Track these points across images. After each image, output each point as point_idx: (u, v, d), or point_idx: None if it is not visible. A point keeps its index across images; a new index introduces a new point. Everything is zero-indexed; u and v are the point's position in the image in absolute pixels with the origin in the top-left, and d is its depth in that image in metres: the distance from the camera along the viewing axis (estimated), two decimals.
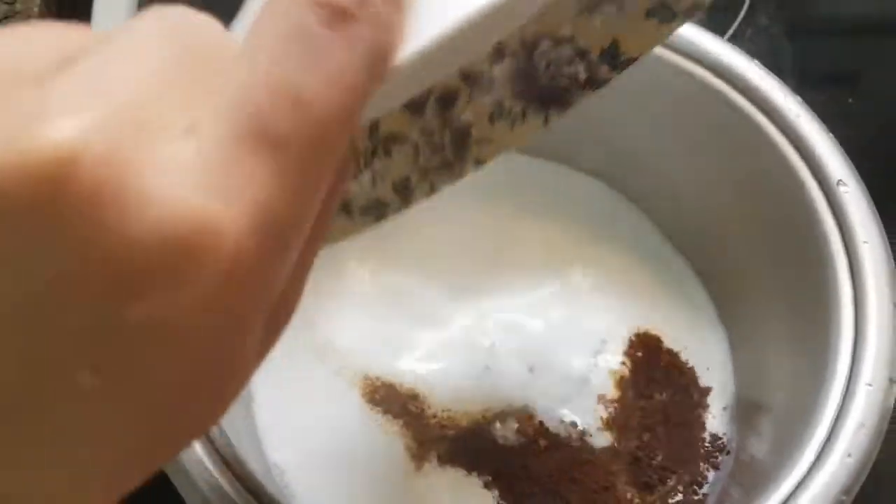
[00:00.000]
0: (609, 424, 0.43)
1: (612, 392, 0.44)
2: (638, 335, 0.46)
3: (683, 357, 0.45)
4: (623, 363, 0.45)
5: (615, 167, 0.49)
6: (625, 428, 0.43)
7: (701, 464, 0.42)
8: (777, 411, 0.40)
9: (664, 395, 0.44)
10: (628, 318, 0.46)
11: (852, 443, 0.35)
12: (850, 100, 0.54)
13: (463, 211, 0.48)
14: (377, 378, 0.43)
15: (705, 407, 0.44)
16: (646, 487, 0.41)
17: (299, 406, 0.43)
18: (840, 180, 0.39)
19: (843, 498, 0.34)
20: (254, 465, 0.34)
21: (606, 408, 0.44)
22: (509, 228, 0.48)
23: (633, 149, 0.47)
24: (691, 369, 0.45)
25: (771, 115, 0.41)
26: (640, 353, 0.45)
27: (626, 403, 0.44)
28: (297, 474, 0.40)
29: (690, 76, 0.43)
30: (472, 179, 0.47)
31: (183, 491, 0.33)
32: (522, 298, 0.47)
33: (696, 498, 0.42)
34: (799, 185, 0.40)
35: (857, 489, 0.34)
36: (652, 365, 0.45)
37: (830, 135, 0.40)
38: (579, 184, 0.50)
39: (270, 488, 0.33)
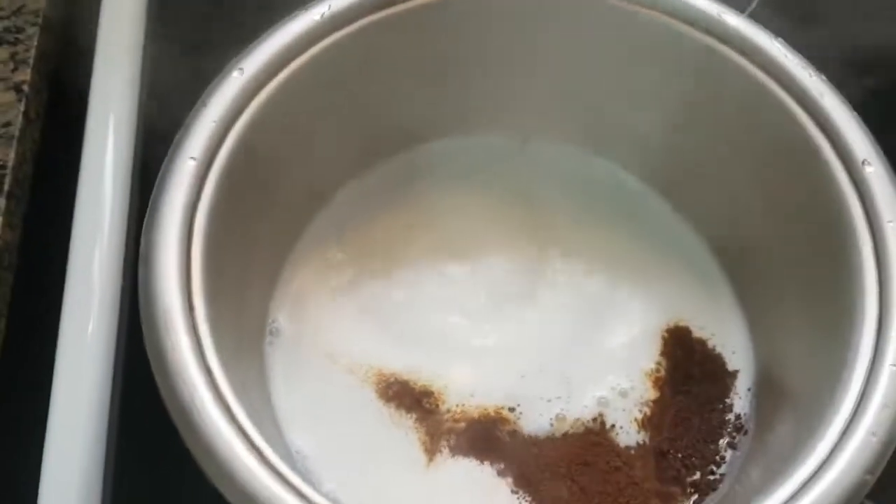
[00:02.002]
0: (644, 424, 0.43)
1: (650, 393, 0.44)
2: (669, 330, 0.45)
3: (711, 344, 0.45)
4: (658, 363, 0.44)
5: (631, 146, 0.48)
6: (660, 426, 0.43)
7: (720, 444, 0.42)
8: (798, 392, 0.40)
9: (700, 387, 0.43)
10: (657, 310, 0.46)
11: (877, 422, 0.34)
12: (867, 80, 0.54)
13: (481, 206, 0.48)
14: (391, 375, 0.43)
15: (733, 390, 0.44)
16: (672, 480, 0.41)
17: (316, 398, 0.42)
18: (865, 160, 0.39)
19: (867, 477, 0.34)
20: (277, 450, 0.34)
21: (641, 409, 0.43)
22: (528, 221, 0.48)
23: (652, 129, 0.46)
24: (719, 356, 0.45)
25: (794, 93, 0.41)
26: (674, 351, 0.44)
27: (663, 403, 0.43)
28: (319, 461, 0.40)
29: (711, 51, 0.42)
30: (490, 172, 0.47)
31: (215, 480, 0.32)
32: (543, 294, 0.46)
33: (713, 478, 0.42)
34: (823, 165, 0.39)
35: (881, 468, 0.34)
36: (687, 360, 0.44)
37: (855, 114, 0.40)
38: (593, 166, 0.49)
39: (295, 473, 0.33)
